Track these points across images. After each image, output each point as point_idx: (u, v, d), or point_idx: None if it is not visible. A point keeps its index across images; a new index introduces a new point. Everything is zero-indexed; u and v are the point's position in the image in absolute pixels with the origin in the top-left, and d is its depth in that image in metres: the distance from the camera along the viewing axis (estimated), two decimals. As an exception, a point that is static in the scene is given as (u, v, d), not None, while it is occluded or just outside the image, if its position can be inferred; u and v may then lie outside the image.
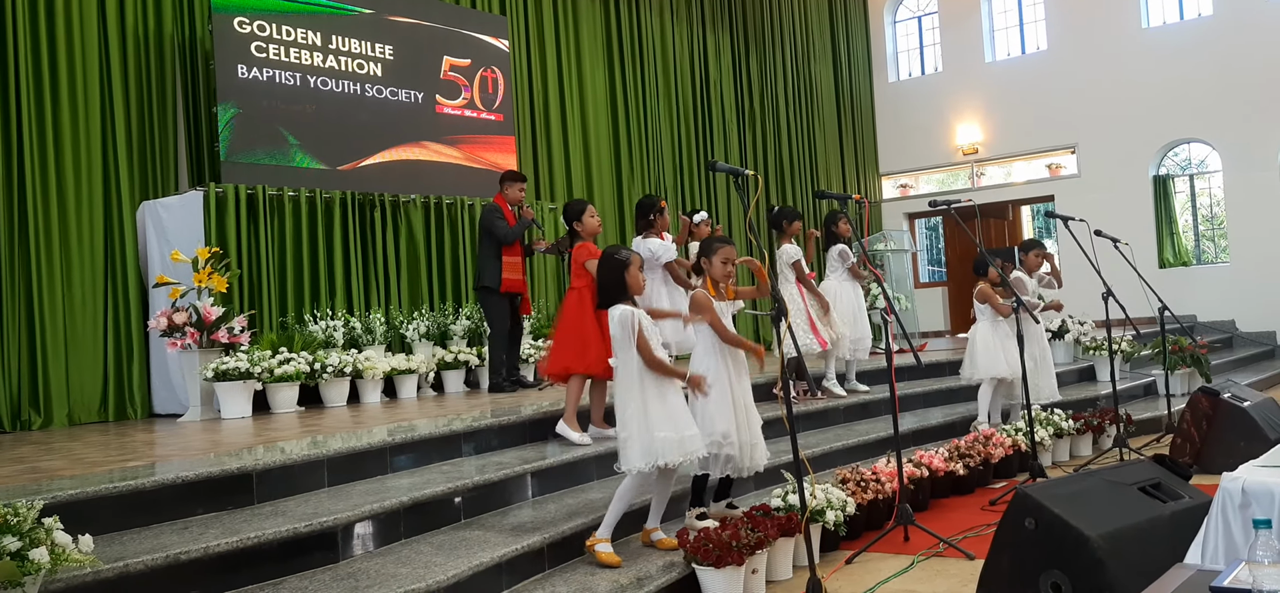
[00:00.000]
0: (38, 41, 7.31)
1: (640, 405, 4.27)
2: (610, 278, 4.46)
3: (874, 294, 12.92)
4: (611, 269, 4.46)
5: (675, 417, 4.29)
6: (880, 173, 16.81)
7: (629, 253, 4.53)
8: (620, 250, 4.54)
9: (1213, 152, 14.11)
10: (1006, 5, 15.90)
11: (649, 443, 4.22)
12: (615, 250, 4.55)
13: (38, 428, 7.00)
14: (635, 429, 4.26)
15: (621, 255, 4.49)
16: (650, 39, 12.65)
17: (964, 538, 5.11)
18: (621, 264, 4.44)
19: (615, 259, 4.47)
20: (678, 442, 4.24)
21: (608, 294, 4.46)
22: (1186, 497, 3.96)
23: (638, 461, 4.23)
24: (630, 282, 4.44)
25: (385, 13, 9.24)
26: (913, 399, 8.20)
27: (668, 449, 4.22)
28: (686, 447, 4.27)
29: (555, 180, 11.26)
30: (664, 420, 4.25)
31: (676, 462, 4.28)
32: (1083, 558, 3.51)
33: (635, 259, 4.51)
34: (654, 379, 4.31)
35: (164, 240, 7.57)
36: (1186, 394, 8.67)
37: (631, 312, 4.34)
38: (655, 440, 4.22)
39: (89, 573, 3.21)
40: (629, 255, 4.50)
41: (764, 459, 4.79)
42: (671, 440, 4.23)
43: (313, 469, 4.58)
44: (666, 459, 4.23)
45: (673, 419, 4.27)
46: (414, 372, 7.95)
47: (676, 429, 4.26)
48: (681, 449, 4.25)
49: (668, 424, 4.25)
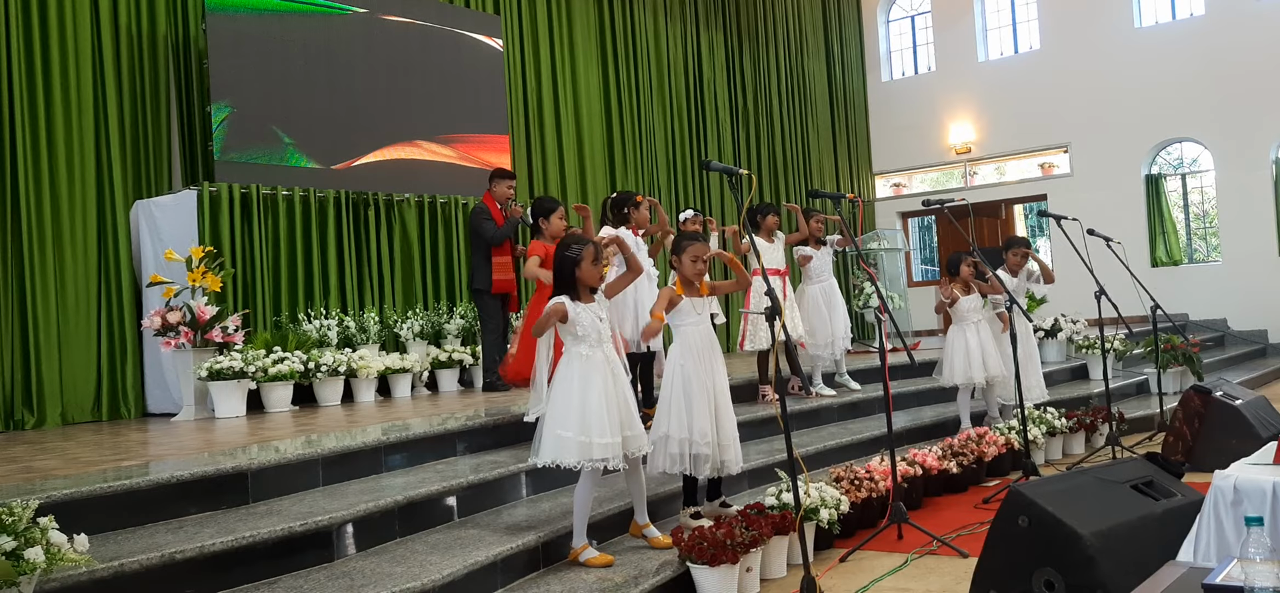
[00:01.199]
0: (30, 41, 7.29)
1: (562, 401, 4.16)
2: (561, 269, 4.31)
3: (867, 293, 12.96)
4: (562, 261, 4.30)
5: (590, 420, 4.11)
6: (873, 172, 16.83)
7: (582, 247, 4.31)
8: (572, 244, 4.36)
9: (1204, 151, 14.16)
10: (999, 5, 15.94)
11: (553, 440, 4.14)
12: (568, 243, 4.38)
13: (31, 428, 6.98)
14: (547, 425, 4.19)
15: (572, 250, 4.30)
16: (644, 38, 12.66)
17: (957, 536, 5.13)
18: (572, 260, 4.27)
19: (566, 254, 4.30)
20: (580, 444, 4.08)
21: (558, 286, 4.32)
22: (1178, 495, 3.98)
23: (545, 455, 4.15)
24: (582, 276, 4.27)
25: (378, 12, 9.23)
26: (906, 398, 8.23)
27: (568, 450, 4.09)
28: (591, 451, 4.08)
29: (549, 179, 11.26)
30: (575, 420, 4.10)
31: (572, 464, 4.11)
32: (1075, 556, 3.53)
33: (589, 251, 4.30)
34: (582, 378, 4.16)
35: (158, 239, 7.56)
36: (1178, 393, 8.71)
37: (562, 301, 4.19)
38: (557, 439, 4.12)
39: (84, 573, 3.21)
40: (581, 249, 4.29)
41: (736, 464, 4.76)
42: (571, 442, 4.09)
43: (307, 469, 4.59)
44: (563, 459, 4.10)
45: (586, 421, 4.11)
46: (408, 371, 7.95)
47: (586, 432, 4.09)
48: (583, 452, 4.09)
49: (577, 425, 4.10)
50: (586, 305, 4.29)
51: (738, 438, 4.78)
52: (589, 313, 4.27)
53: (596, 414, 4.13)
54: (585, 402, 4.14)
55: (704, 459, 4.61)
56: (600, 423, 4.13)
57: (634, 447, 4.30)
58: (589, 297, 4.34)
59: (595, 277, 4.35)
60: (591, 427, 4.11)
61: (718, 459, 4.66)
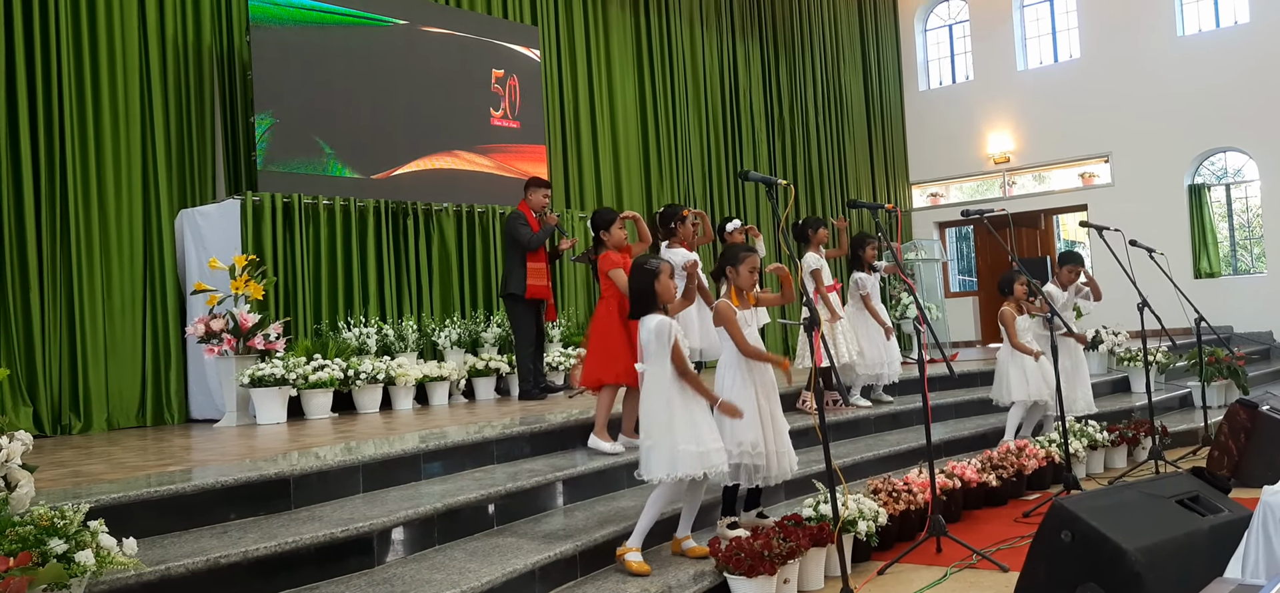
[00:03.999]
0: (80, 53, 7.45)
1: (667, 416, 4.27)
2: (640, 286, 4.46)
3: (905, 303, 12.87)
4: (641, 278, 4.47)
5: (700, 429, 4.28)
6: (910, 181, 16.73)
7: (659, 262, 4.53)
8: (650, 260, 4.55)
9: (1249, 160, 13.93)
10: (1039, 13, 15.79)
11: (672, 455, 4.22)
12: (645, 260, 4.56)
13: (78, 433, 7.12)
14: (659, 439, 4.26)
15: (651, 264, 4.49)
16: (680, 48, 12.68)
17: (997, 550, 5.08)
18: (651, 273, 4.44)
19: (645, 268, 4.48)
20: (700, 455, 4.23)
21: (638, 303, 4.48)
22: (1225, 510, 3.92)
23: (659, 471, 4.23)
24: (660, 290, 4.44)
25: (418, 23, 9.33)
26: (944, 410, 8.16)
27: (689, 462, 4.22)
28: (709, 461, 4.26)
29: (585, 189, 11.31)
30: (688, 433, 4.24)
31: (697, 475, 4.26)
32: (1120, 572, 3.48)
33: (665, 267, 4.50)
34: (681, 390, 4.30)
35: (202, 248, 7.68)
36: (1223, 406, 8.56)
37: (668, 323, 4.35)
38: (678, 453, 4.22)
39: (132, 576, 3.26)
40: (659, 264, 4.50)
41: (792, 468, 4.75)
42: (693, 454, 4.22)
43: (348, 475, 4.64)
44: (687, 472, 4.22)
45: (697, 432, 4.26)
46: (445, 379, 8.01)
47: (700, 443, 4.25)
48: (703, 463, 4.24)
49: (691, 437, 4.24)
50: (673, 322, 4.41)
51: (791, 446, 4.77)
52: (679, 329, 4.40)
53: (707, 424, 4.32)
54: (691, 413, 4.29)
55: (754, 470, 4.62)
56: (712, 431, 4.32)
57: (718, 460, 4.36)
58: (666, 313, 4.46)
59: (671, 292, 4.50)
60: (704, 437, 4.27)
61: (774, 468, 4.65)
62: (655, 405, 4.32)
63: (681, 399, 4.29)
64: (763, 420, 4.60)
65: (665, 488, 4.32)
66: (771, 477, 4.68)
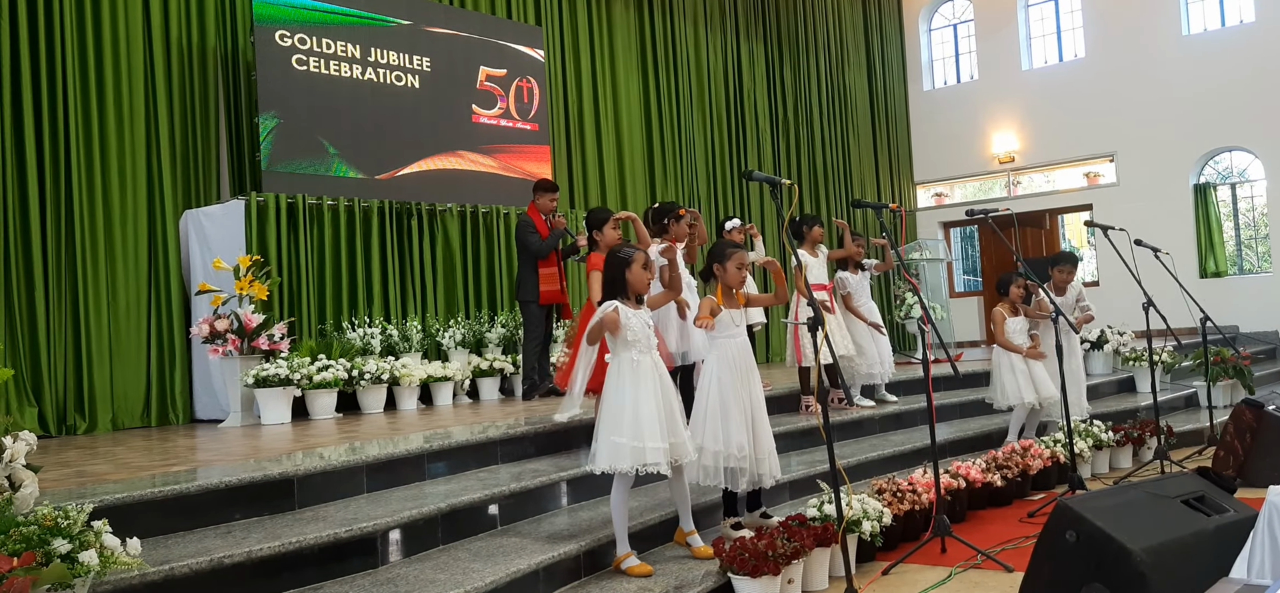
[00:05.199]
0: (85, 55, 7.47)
1: (615, 407, 4.18)
2: (611, 274, 4.36)
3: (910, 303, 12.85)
4: (612, 266, 4.36)
5: (640, 424, 4.14)
6: (915, 181, 16.70)
7: (633, 250, 4.39)
8: (624, 247, 4.43)
9: (1255, 159, 13.89)
10: (1044, 12, 15.76)
11: (609, 448, 4.14)
12: (620, 247, 4.45)
13: (83, 433, 7.13)
14: (599, 431, 4.21)
15: (624, 252, 4.37)
16: (684, 48, 12.67)
17: (1002, 550, 5.07)
18: (623, 262, 4.32)
19: (618, 256, 4.36)
20: (633, 450, 4.09)
21: (608, 290, 4.36)
22: (1231, 510, 3.90)
23: (598, 463, 4.17)
24: (632, 279, 4.32)
25: (422, 24, 9.34)
26: (949, 410, 8.14)
27: (621, 456, 4.10)
28: (643, 456, 4.08)
29: (589, 189, 11.31)
30: (621, 426, 4.12)
31: (626, 469, 4.13)
32: (1125, 572, 3.46)
33: (639, 257, 4.36)
34: (633, 384, 4.18)
35: (206, 249, 7.69)
36: (1229, 406, 8.54)
37: (614, 306, 4.21)
38: (612, 445, 4.13)
39: (136, 576, 3.26)
40: (632, 253, 4.36)
41: (773, 475, 4.71)
42: (625, 447, 4.10)
43: (351, 475, 4.64)
44: (618, 466, 4.11)
45: (637, 426, 4.12)
46: (450, 379, 8.01)
47: (637, 437, 4.10)
48: (635, 458, 4.10)
49: (628, 431, 4.11)
50: (635, 311, 4.31)
51: (775, 449, 4.74)
52: (639, 318, 4.29)
53: (648, 419, 4.14)
54: (637, 407, 4.16)
55: (739, 473, 4.59)
56: (652, 428, 4.14)
57: (679, 454, 4.29)
58: (637, 303, 4.36)
59: (644, 283, 4.38)
60: (644, 432, 4.12)
61: (755, 472, 4.62)
62: (605, 396, 4.27)
63: (633, 391, 4.16)
64: (748, 424, 4.57)
65: (618, 484, 4.24)
66: (756, 479, 4.64)
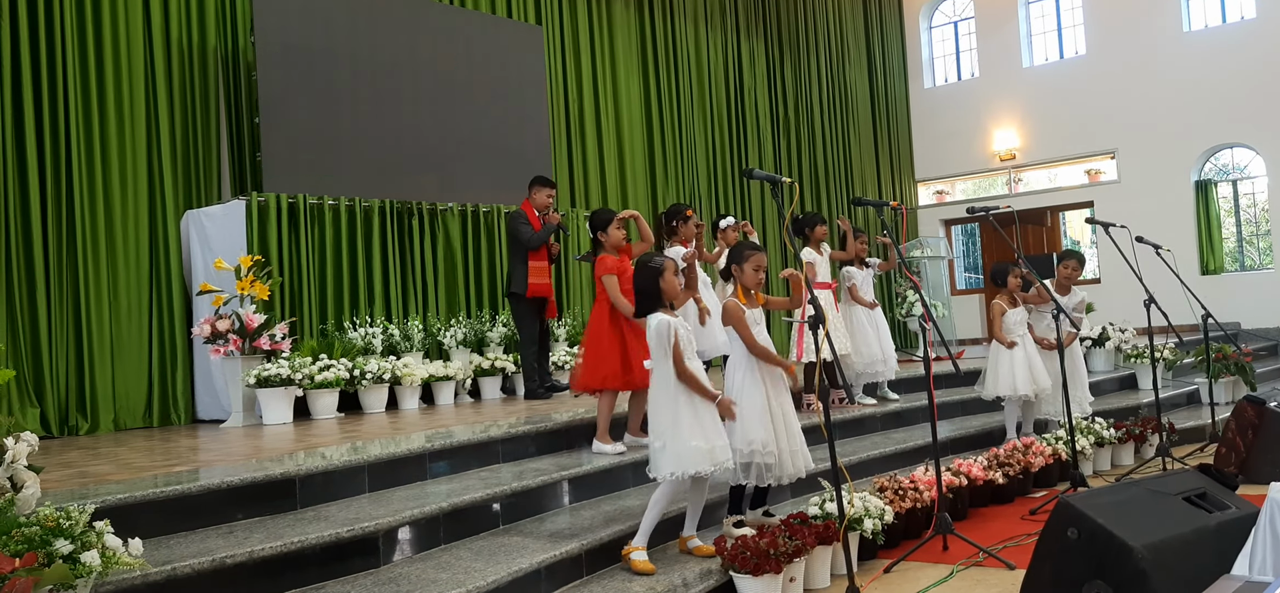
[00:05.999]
0: (86, 55, 7.47)
1: (672, 414, 4.27)
2: (645, 285, 4.45)
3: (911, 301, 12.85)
4: (646, 277, 4.45)
5: (706, 426, 4.27)
6: (916, 179, 16.70)
7: (663, 260, 4.50)
8: (654, 258, 4.54)
9: (1256, 156, 13.88)
10: (1045, 10, 15.76)
11: (680, 452, 4.22)
12: (649, 258, 4.55)
13: (85, 433, 7.14)
14: (667, 438, 4.27)
15: (655, 263, 4.47)
16: (684, 47, 12.67)
17: (1004, 548, 5.07)
18: (655, 271, 4.42)
19: (649, 267, 4.46)
20: (707, 451, 4.24)
21: (643, 302, 4.47)
22: (1233, 507, 3.90)
23: (668, 469, 4.23)
24: (665, 287, 4.43)
25: (422, 23, 9.33)
26: (950, 407, 8.14)
27: (697, 459, 4.22)
28: (716, 457, 4.26)
29: (590, 188, 11.31)
30: (695, 430, 4.24)
31: (707, 471, 4.27)
32: (1126, 569, 3.46)
33: (670, 265, 4.49)
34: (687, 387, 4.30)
35: (207, 249, 7.69)
36: (1230, 403, 8.53)
37: (668, 322, 4.33)
38: (686, 450, 4.22)
39: (138, 576, 3.27)
40: (662, 262, 4.47)
41: (806, 466, 4.73)
42: (701, 450, 4.22)
43: (353, 475, 4.64)
44: (696, 469, 4.22)
45: (704, 429, 4.26)
46: (451, 379, 8.02)
47: (707, 439, 4.25)
48: (711, 459, 4.25)
49: (699, 434, 4.24)
50: (674, 318, 4.38)
51: (805, 443, 4.76)
52: (682, 326, 4.38)
53: (712, 419, 4.31)
54: (697, 410, 4.28)
55: (766, 469, 4.60)
56: (717, 427, 4.31)
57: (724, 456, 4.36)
58: (670, 309, 4.44)
59: (675, 289, 4.48)
60: (710, 432, 4.27)
61: (787, 467, 4.62)
62: (661, 404, 4.32)
63: (686, 395, 4.29)
64: (774, 419, 4.59)
65: (668, 486, 4.32)
66: (784, 476, 4.65)
